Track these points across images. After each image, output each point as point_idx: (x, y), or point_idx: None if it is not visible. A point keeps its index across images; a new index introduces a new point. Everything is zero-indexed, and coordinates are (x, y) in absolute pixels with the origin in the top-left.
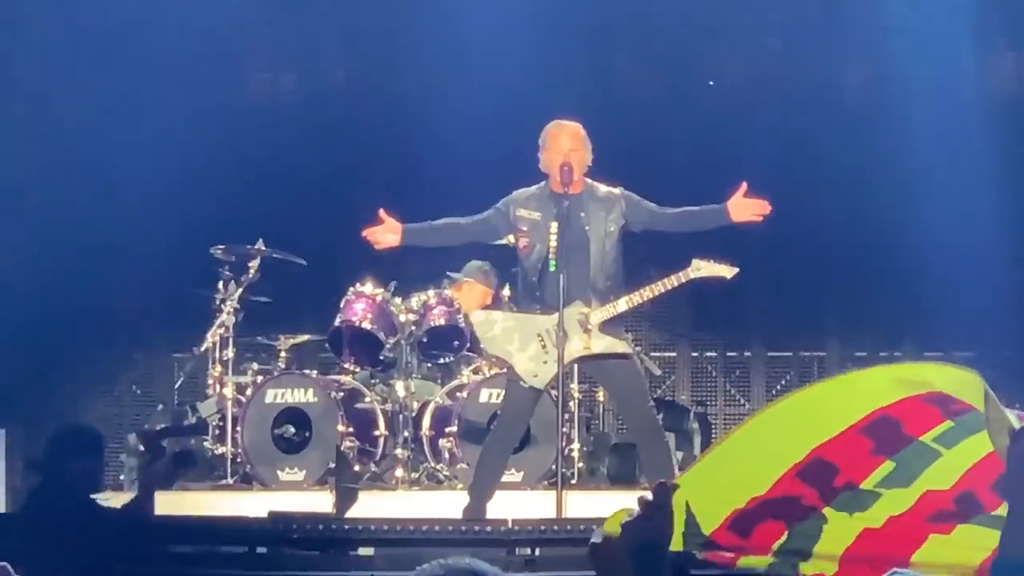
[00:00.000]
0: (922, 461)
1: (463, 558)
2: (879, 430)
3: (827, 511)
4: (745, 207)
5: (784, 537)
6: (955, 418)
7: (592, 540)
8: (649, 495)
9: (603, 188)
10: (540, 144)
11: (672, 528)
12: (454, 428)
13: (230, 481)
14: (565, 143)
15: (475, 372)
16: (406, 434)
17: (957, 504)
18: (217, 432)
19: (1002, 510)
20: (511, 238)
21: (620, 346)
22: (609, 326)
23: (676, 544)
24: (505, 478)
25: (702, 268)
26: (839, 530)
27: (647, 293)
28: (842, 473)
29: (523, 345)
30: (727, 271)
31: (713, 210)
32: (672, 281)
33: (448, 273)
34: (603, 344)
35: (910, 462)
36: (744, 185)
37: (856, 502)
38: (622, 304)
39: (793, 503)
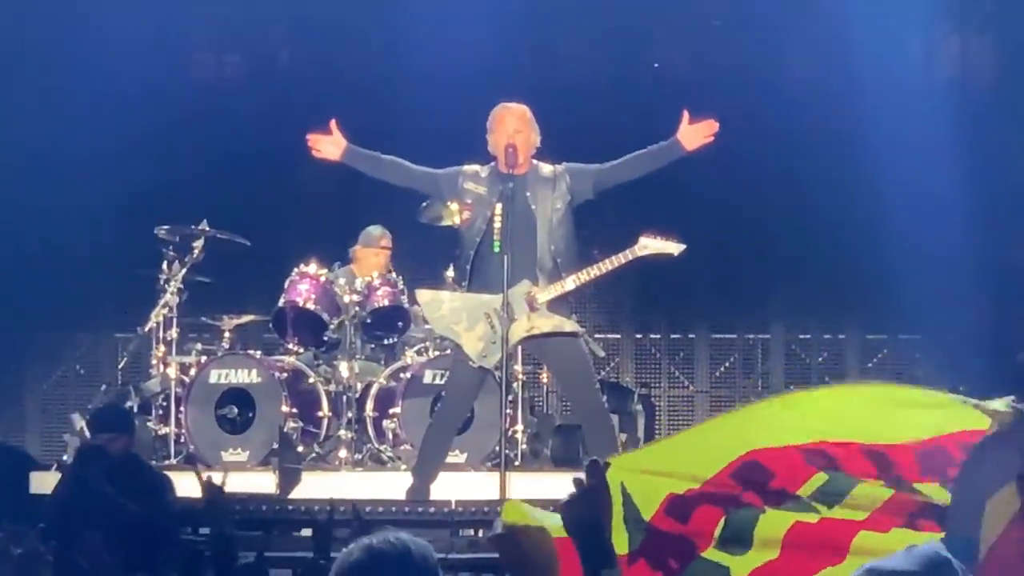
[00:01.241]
0: (851, 481)
1: (388, 533)
2: (818, 458)
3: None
4: (695, 133)
5: (722, 523)
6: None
7: (494, 531)
8: (582, 475)
9: (547, 167)
10: (488, 127)
11: (609, 505)
12: (398, 409)
13: (173, 461)
14: (511, 124)
15: (419, 353)
16: (350, 415)
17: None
18: (160, 412)
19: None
20: (453, 206)
21: (567, 325)
22: (556, 306)
23: (619, 534)
24: (449, 459)
25: (649, 246)
26: (776, 518)
27: (594, 271)
28: (777, 478)
29: (471, 325)
30: (674, 248)
31: (665, 146)
32: (620, 259)
33: (349, 250)
34: (550, 324)
35: (841, 479)
36: (686, 113)
37: (793, 509)
38: (569, 283)
39: (729, 496)
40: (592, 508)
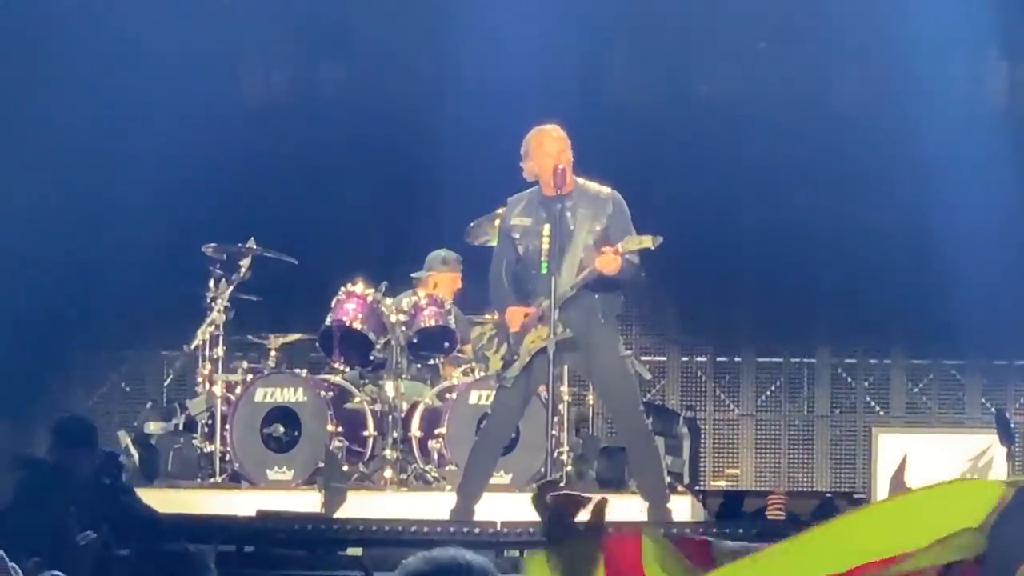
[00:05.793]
0: None
1: (448, 549)
2: None
3: None
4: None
5: None
6: None
7: None
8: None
9: (594, 186)
10: (524, 152)
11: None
12: (443, 429)
13: (219, 479)
14: (552, 146)
15: (465, 374)
16: (395, 435)
17: None
18: (206, 430)
19: None
20: (496, 224)
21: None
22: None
23: None
24: (494, 480)
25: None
26: None
27: (586, 274)
28: None
29: (497, 347)
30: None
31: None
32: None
33: (411, 276)
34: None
35: None
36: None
37: None
38: (569, 290)
39: None
40: None
